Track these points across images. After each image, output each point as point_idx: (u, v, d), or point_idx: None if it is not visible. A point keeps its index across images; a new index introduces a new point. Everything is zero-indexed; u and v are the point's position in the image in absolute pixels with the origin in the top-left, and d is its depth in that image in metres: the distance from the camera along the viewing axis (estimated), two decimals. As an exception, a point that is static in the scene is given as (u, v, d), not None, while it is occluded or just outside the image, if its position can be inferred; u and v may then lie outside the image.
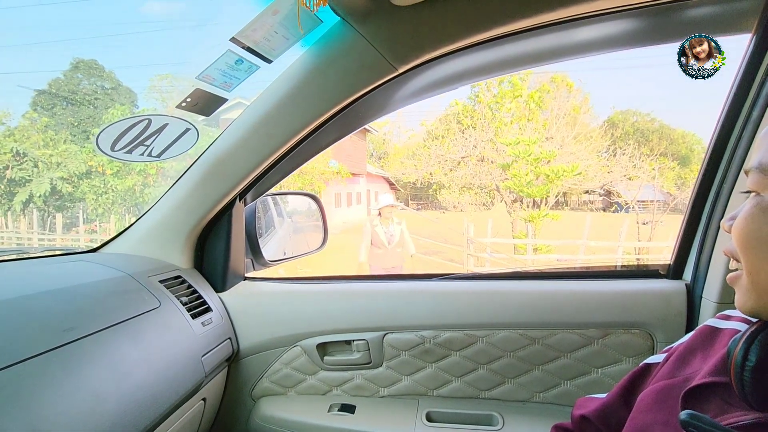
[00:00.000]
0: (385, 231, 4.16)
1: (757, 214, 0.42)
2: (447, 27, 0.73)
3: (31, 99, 17.41)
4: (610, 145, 13.08)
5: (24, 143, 12.59)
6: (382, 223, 4.18)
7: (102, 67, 19.08)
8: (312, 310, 1.03)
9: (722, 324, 0.53)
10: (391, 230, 4.18)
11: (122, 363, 0.67)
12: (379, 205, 4.28)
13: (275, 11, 0.66)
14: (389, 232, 4.17)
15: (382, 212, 4.19)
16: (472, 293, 0.98)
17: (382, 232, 4.14)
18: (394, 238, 4.17)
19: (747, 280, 0.43)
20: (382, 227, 4.17)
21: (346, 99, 0.84)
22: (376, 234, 4.14)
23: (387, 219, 4.19)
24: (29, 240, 12.22)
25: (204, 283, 1.03)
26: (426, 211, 22.50)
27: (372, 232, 4.16)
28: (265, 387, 1.06)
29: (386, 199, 4.27)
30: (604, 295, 0.93)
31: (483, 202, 13.53)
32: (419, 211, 22.44)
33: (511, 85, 12.58)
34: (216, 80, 0.74)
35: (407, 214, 17.87)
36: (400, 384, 1.01)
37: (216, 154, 0.91)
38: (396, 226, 4.23)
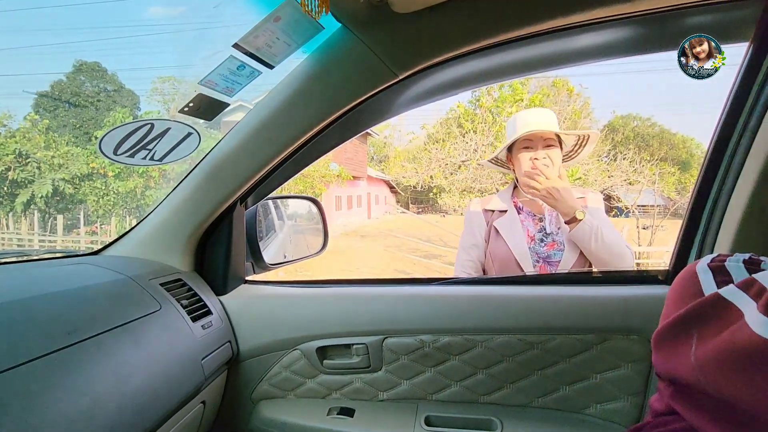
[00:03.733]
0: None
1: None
2: (447, 34, 0.74)
3: (33, 101, 17.50)
4: (611, 150, 13.09)
5: (26, 145, 12.64)
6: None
7: (105, 69, 19.22)
8: (312, 313, 1.03)
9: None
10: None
11: (123, 366, 0.68)
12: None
13: (277, 18, 0.67)
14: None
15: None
16: (472, 298, 0.98)
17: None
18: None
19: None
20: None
21: (347, 104, 0.84)
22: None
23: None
24: (30, 241, 12.24)
25: (204, 286, 1.03)
26: (426, 215, 22.51)
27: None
28: (264, 390, 1.06)
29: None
30: (603, 300, 0.93)
31: (484, 206, 13.51)
32: (420, 215, 22.44)
33: (512, 89, 12.62)
34: (218, 85, 0.75)
35: (407, 218, 17.81)
36: (400, 388, 1.01)
37: (218, 158, 0.92)
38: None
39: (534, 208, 1.45)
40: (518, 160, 1.42)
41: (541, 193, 1.29)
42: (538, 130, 1.35)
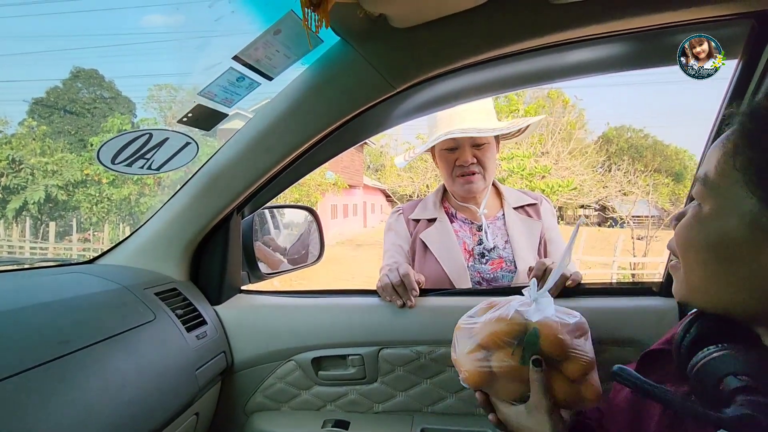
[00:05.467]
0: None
1: (694, 223, 0.48)
2: (443, 49, 0.75)
3: (28, 107, 17.46)
4: (605, 161, 13.22)
5: (21, 150, 12.57)
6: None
7: (102, 76, 19.23)
8: (307, 324, 1.03)
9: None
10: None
11: (116, 376, 0.67)
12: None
13: (277, 31, 0.68)
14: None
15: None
16: (467, 309, 0.98)
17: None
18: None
19: (682, 275, 0.50)
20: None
21: (345, 116, 0.85)
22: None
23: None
24: (21, 248, 12.10)
25: (199, 295, 1.03)
26: (422, 224, 22.40)
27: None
28: (258, 402, 1.05)
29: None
30: (598, 312, 0.94)
31: (479, 216, 13.55)
32: (415, 224, 22.31)
33: (507, 100, 12.74)
34: (217, 96, 0.76)
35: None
36: (395, 400, 1.00)
37: (215, 168, 0.92)
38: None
39: (470, 215, 1.21)
40: (442, 162, 1.19)
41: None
42: (458, 135, 1.11)
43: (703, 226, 0.47)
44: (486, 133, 1.13)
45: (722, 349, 0.43)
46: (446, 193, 1.27)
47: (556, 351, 0.62)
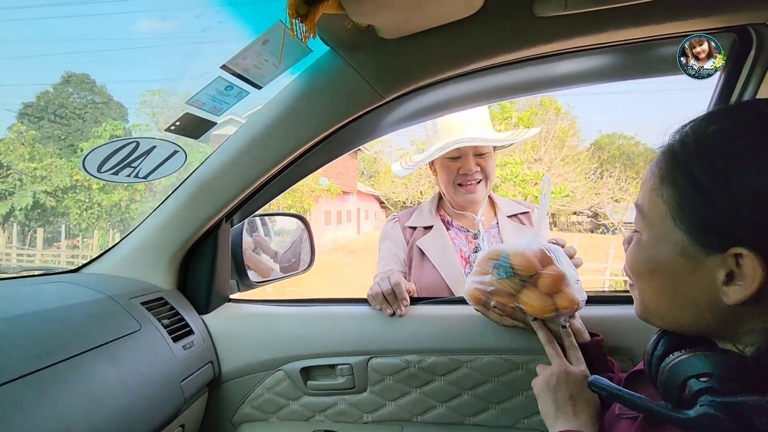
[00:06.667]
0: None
1: (635, 250, 0.51)
2: (432, 60, 0.76)
3: (17, 111, 17.26)
4: (598, 168, 13.38)
5: (9, 156, 12.40)
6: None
7: (94, 81, 19.09)
8: (296, 333, 1.02)
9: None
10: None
11: (99, 388, 0.66)
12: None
13: (265, 41, 0.68)
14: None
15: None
16: (457, 317, 0.98)
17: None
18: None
19: (638, 296, 0.53)
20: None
21: (334, 125, 0.85)
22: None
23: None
24: (7, 255, 11.89)
25: (187, 304, 1.01)
26: (416, 230, 22.41)
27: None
28: (246, 413, 1.04)
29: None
30: (588, 320, 0.94)
31: (472, 222, 13.61)
32: (409, 230, 22.32)
33: (501, 107, 12.87)
34: (205, 105, 0.75)
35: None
36: (384, 410, 0.99)
37: (204, 176, 0.92)
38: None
39: (466, 223, 1.24)
40: (443, 170, 1.20)
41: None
42: (466, 144, 1.12)
43: (644, 253, 0.50)
44: (494, 143, 1.16)
45: (685, 354, 0.45)
46: (441, 200, 1.28)
47: (524, 267, 0.79)
